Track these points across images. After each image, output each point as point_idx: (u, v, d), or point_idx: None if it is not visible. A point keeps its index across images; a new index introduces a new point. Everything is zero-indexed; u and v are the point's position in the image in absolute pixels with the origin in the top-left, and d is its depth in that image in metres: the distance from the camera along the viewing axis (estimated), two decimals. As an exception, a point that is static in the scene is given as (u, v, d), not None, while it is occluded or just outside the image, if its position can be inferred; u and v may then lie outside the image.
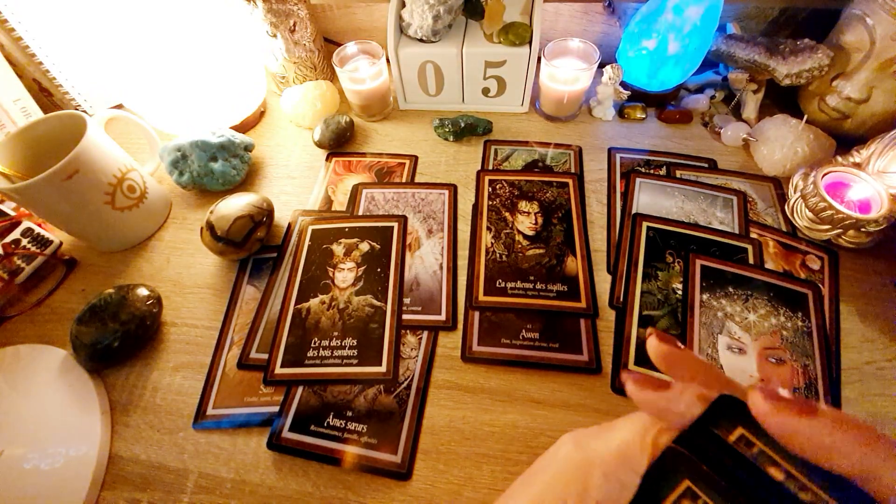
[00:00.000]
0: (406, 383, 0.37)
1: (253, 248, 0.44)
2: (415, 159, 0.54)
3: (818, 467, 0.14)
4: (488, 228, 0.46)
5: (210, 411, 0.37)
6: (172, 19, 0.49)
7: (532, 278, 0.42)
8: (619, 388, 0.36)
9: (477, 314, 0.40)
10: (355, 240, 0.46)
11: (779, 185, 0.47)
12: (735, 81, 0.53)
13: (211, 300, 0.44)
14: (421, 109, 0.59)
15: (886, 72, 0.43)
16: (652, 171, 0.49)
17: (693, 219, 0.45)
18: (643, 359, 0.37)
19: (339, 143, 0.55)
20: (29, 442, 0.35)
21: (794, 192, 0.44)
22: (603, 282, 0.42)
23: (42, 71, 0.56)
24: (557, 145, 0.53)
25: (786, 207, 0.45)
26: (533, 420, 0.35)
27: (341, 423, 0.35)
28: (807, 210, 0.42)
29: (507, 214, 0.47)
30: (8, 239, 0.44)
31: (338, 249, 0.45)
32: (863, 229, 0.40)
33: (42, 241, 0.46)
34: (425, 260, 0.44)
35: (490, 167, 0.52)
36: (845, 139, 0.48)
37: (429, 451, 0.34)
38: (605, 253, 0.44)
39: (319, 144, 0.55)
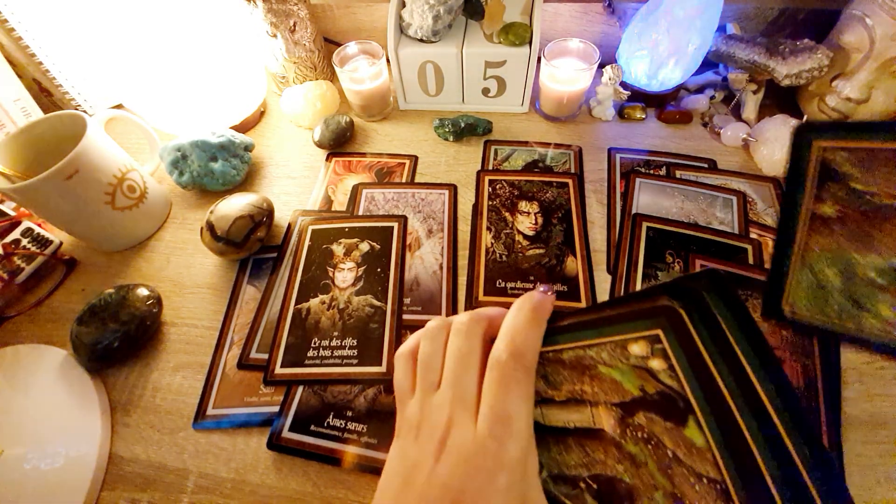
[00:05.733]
0: (406, 383, 0.37)
1: (253, 248, 0.44)
2: (415, 159, 0.54)
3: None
4: (488, 228, 0.46)
5: (210, 411, 0.37)
6: (172, 19, 0.49)
7: (532, 278, 0.42)
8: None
9: (477, 314, 0.40)
10: (355, 240, 0.46)
11: (779, 185, 0.47)
12: (735, 82, 0.53)
13: (211, 300, 0.44)
14: (421, 109, 0.59)
15: (886, 72, 0.43)
16: (652, 172, 0.49)
17: (693, 219, 0.45)
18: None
19: (339, 143, 0.55)
20: (29, 442, 0.35)
21: (794, 193, 0.44)
22: (603, 282, 0.42)
23: (42, 71, 0.56)
24: (557, 145, 0.53)
25: (785, 207, 0.45)
26: (533, 420, 0.35)
27: (341, 423, 0.35)
28: (806, 210, 0.42)
29: (507, 214, 0.47)
30: (8, 239, 0.44)
31: (338, 249, 0.45)
32: (862, 229, 0.40)
33: (42, 241, 0.46)
34: (425, 260, 0.44)
35: (490, 167, 0.52)
36: (845, 139, 0.48)
37: (429, 451, 0.34)
38: (605, 253, 0.44)
39: (319, 144, 0.55)
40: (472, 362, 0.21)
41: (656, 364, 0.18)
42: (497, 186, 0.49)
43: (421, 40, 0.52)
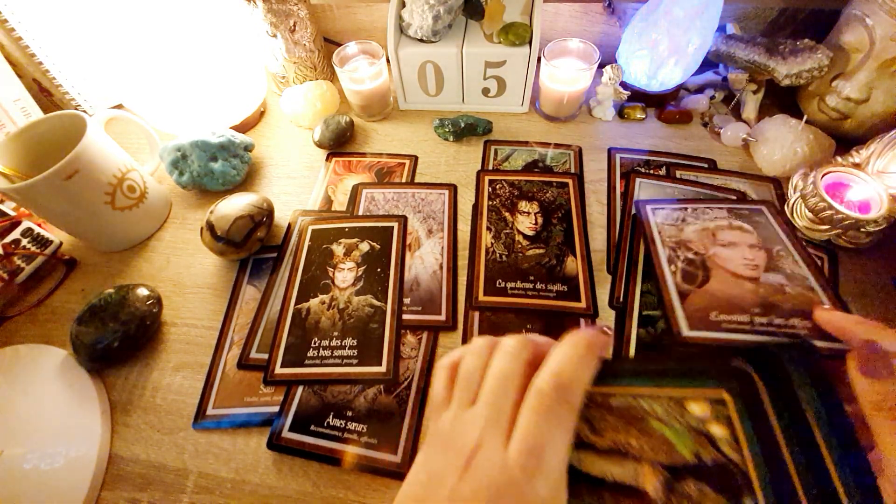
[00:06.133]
0: (406, 383, 0.37)
1: (253, 248, 0.44)
2: (415, 159, 0.54)
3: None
4: (488, 228, 0.46)
5: (210, 411, 0.37)
6: (172, 19, 0.49)
7: (532, 278, 0.42)
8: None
9: (477, 314, 0.40)
10: (355, 240, 0.46)
11: (778, 186, 0.47)
12: (735, 81, 0.53)
13: (211, 300, 0.44)
14: (421, 109, 0.59)
15: (886, 72, 0.43)
16: (652, 172, 0.49)
17: (693, 219, 0.45)
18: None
19: (339, 143, 0.55)
20: (29, 442, 0.35)
21: (794, 193, 0.44)
22: (603, 282, 0.42)
23: (42, 71, 0.56)
24: (557, 145, 0.53)
25: (785, 208, 0.45)
26: (533, 420, 0.35)
27: (341, 423, 0.35)
28: (806, 210, 0.42)
29: (507, 214, 0.47)
30: (8, 239, 0.44)
31: (338, 249, 0.45)
32: (862, 229, 0.40)
33: (42, 241, 0.46)
34: (425, 260, 0.44)
35: (490, 167, 0.52)
36: (845, 139, 0.48)
37: (429, 451, 0.34)
38: (605, 253, 0.44)
39: (319, 144, 0.55)
40: (512, 385, 0.19)
41: (717, 430, 0.17)
42: (497, 186, 0.49)
43: (421, 40, 0.52)
